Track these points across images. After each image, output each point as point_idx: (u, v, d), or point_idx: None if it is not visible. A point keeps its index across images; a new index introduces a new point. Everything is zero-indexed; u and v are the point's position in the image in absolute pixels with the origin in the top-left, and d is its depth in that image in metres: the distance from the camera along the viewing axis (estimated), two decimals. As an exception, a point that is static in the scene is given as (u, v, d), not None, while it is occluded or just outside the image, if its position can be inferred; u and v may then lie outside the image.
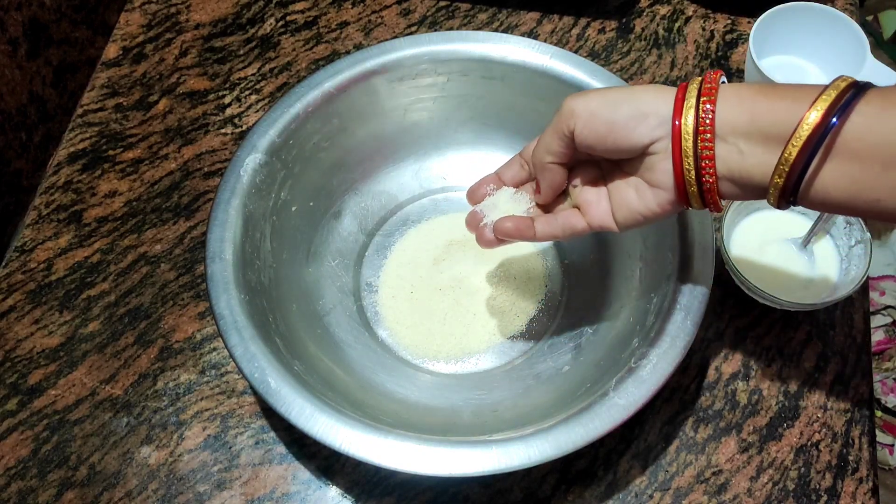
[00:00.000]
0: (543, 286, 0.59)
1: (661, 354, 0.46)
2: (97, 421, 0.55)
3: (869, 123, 0.33)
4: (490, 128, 0.62)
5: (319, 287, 0.58)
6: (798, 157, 0.34)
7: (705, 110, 0.37)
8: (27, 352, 0.58)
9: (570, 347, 0.55)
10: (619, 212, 0.43)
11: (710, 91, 0.37)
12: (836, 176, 0.34)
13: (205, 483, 0.52)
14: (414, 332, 0.57)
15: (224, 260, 0.50)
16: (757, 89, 0.37)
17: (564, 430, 0.43)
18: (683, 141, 0.37)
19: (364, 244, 0.61)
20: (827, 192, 0.35)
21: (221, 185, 0.52)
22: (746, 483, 0.51)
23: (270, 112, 0.55)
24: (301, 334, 0.53)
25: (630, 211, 0.42)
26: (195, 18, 0.75)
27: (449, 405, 0.53)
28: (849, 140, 0.34)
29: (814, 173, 0.35)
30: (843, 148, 0.34)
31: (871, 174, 0.34)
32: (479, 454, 0.43)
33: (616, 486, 0.52)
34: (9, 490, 0.53)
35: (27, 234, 0.63)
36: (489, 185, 0.48)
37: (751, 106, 0.36)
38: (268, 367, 0.46)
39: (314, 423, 0.44)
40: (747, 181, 0.37)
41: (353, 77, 0.57)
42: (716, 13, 0.73)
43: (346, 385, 0.51)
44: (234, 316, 0.47)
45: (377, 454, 0.43)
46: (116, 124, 0.69)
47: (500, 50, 0.57)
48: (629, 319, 0.52)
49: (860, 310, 0.57)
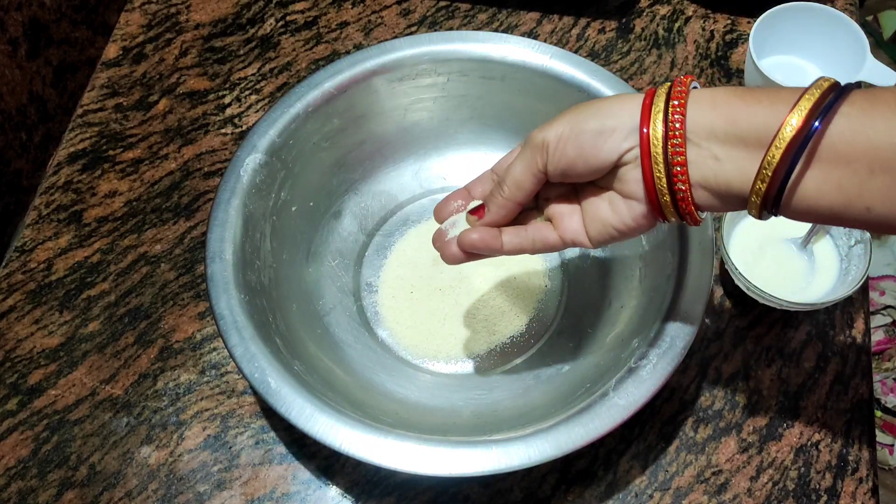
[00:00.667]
0: (543, 286, 0.59)
1: (661, 354, 0.46)
2: (97, 421, 0.55)
3: (853, 126, 0.32)
4: (490, 128, 0.62)
5: (319, 287, 0.58)
6: (781, 162, 0.33)
7: (675, 115, 0.35)
8: (27, 352, 0.58)
9: (570, 347, 0.55)
10: (591, 225, 0.41)
11: (679, 94, 0.36)
12: (821, 182, 0.33)
13: (205, 483, 0.52)
14: (414, 332, 0.57)
15: (224, 260, 0.50)
16: (733, 92, 0.35)
17: (564, 430, 0.43)
18: (652, 147, 0.36)
19: (364, 244, 0.61)
20: (812, 200, 0.34)
21: (221, 185, 0.52)
22: (746, 483, 0.51)
23: (270, 112, 0.55)
24: (301, 334, 0.53)
25: (603, 225, 0.40)
26: (195, 18, 0.75)
27: (449, 405, 0.53)
28: (833, 144, 0.32)
29: (797, 179, 0.33)
30: (827, 152, 0.32)
31: (858, 179, 0.32)
32: (479, 454, 0.43)
33: (616, 486, 0.52)
34: (9, 490, 0.53)
35: (27, 234, 0.63)
36: (457, 200, 0.45)
37: (727, 110, 0.35)
38: (268, 367, 0.46)
39: (314, 423, 0.44)
40: (724, 189, 0.36)
41: (353, 77, 0.57)
42: (716, 13, 0.73)
43: (346, 385, 0.51)
44: (234, 316, 0.47)
45: (377, 454, 0.43)
46: (116, 124, 0.69)
47: (500, 50, 0.57)
48: (629, 319, 0.52)
49: (860, 310, 0.57)
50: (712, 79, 0.69)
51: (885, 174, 0.32)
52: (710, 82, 0.69)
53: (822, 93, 0.33)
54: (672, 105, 0.35)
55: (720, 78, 0.69)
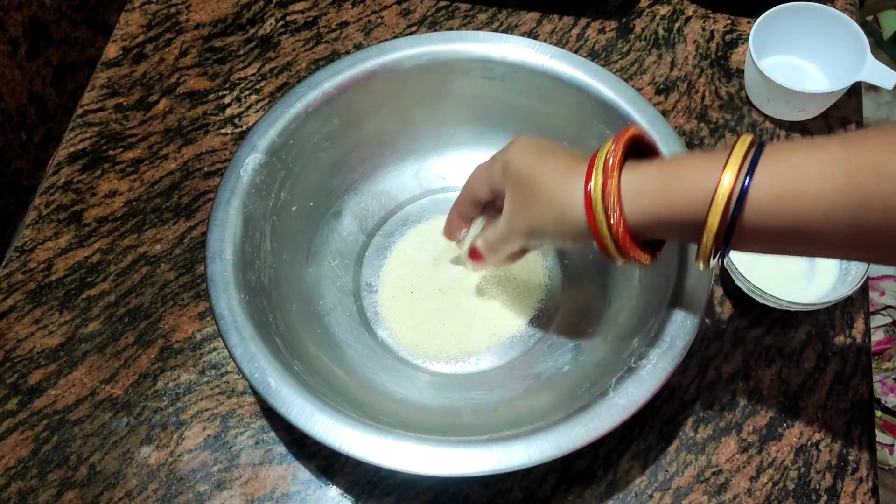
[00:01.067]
0: (543, 286, 0.59)
1: (661, 354, 0.46)
2: (97, 421, 0.55)
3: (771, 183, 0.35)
4: (490, 128, 0.62)
5: (319, 287, 0.58)
6: (720, 227, 0.36)
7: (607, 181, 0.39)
8: (27, 352, 0.58)
9: (570, 347, 0.55)
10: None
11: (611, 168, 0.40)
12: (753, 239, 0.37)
13: (205, 483, 0.52)
14: (414, 332, 0.57)
15: (224, 260, 0.49)
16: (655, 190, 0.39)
17: (564, 430, 0.43)
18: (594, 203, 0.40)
19: (364, 244, 0.61)
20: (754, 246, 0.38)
21: (221, 185, 0.52)
22: (746, 483, 0.51)
23: (270, 112, 0.55)
24: (301, 334, 0.53)
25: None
26: (195, 18, 0.75)
27: (449, 405, 0.53)
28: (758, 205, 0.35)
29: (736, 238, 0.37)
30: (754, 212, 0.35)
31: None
32: (479, 454, 0.43)
33: (616, 486, 0.52)
34: (9, 490, 0.53)
35: (27, 234, 0.63)
36: (462, 230, 0.52)
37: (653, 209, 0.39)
38: (268, 368, 0.46)
39: (314, 423, 0.44)
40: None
41: (353, 77, 0.57)
42: (716, 13, 0.73)
43: (346, 385, 0.51)
44: (234, 316, 0.47)
45: (377, 454, 0.43)
46: (116, 124, 0.69)
47: (500, 50, 0.57)
48: (629, 319, 0.52)
49: (860, 310, 0.57)
50: (712, 79, 0.69)
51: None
52: (710, 82, 0.69)
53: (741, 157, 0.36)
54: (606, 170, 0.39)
55: (720, 78, 0.69)
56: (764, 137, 0.66)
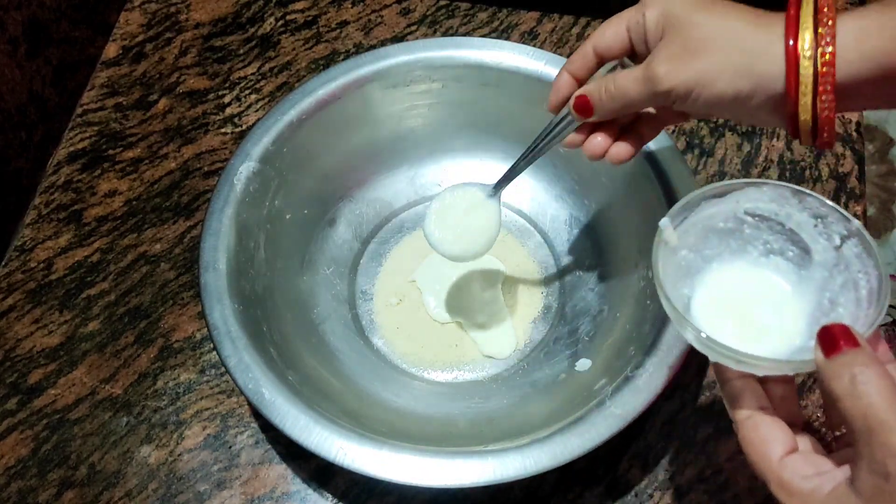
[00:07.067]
0: (539, 294, 0.59)
1: (658, 363, 0.45)
2: (97, 420, 0.55)
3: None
4: (485, 134, 0.61)
5: (314, 296, 0.57)
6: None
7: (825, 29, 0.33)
8: (27, 351, 0.58)
9: (567, 355, 0.54)
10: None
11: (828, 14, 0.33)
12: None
13: (205, 482, 0.52)
14: (409, 340, 0.57)
15: (218, 270, 0.49)
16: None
17: (560, 441, 0.43)
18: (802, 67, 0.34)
19: (359, 252, 0.61)
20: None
21: (215, 194, 0.52)
22: (747, 482, 0.51)
23: (264, 119, 0.55)
24: (296, 344, 0.52)
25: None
26: (195, 18, 0.75)
27: (445, 414, 0.52)
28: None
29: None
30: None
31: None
32: (475, 465, 0.43)
33: (616, 485, 0.52)
34: (9, 489, 0.53)
35: (27, 234, 0.63)
36: (564, 92, 0.44)
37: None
38: (262, 378, 0.45)
39: (309, 434, 0.44)
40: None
41: (346, 84, 0.56)
42: (716, 12, 0.73)
43: (341, 394, 0.51)
44: (228, 326, 0.47)
45: (372, 465, 0.43)
46: (116, 124, 0.69)
47: (495, 56, 0.57)
48: (625, 327, 0.52)
49: (860, 309, 0.57)
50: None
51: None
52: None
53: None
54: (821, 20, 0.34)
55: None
56: (764, 137, 0.66)
